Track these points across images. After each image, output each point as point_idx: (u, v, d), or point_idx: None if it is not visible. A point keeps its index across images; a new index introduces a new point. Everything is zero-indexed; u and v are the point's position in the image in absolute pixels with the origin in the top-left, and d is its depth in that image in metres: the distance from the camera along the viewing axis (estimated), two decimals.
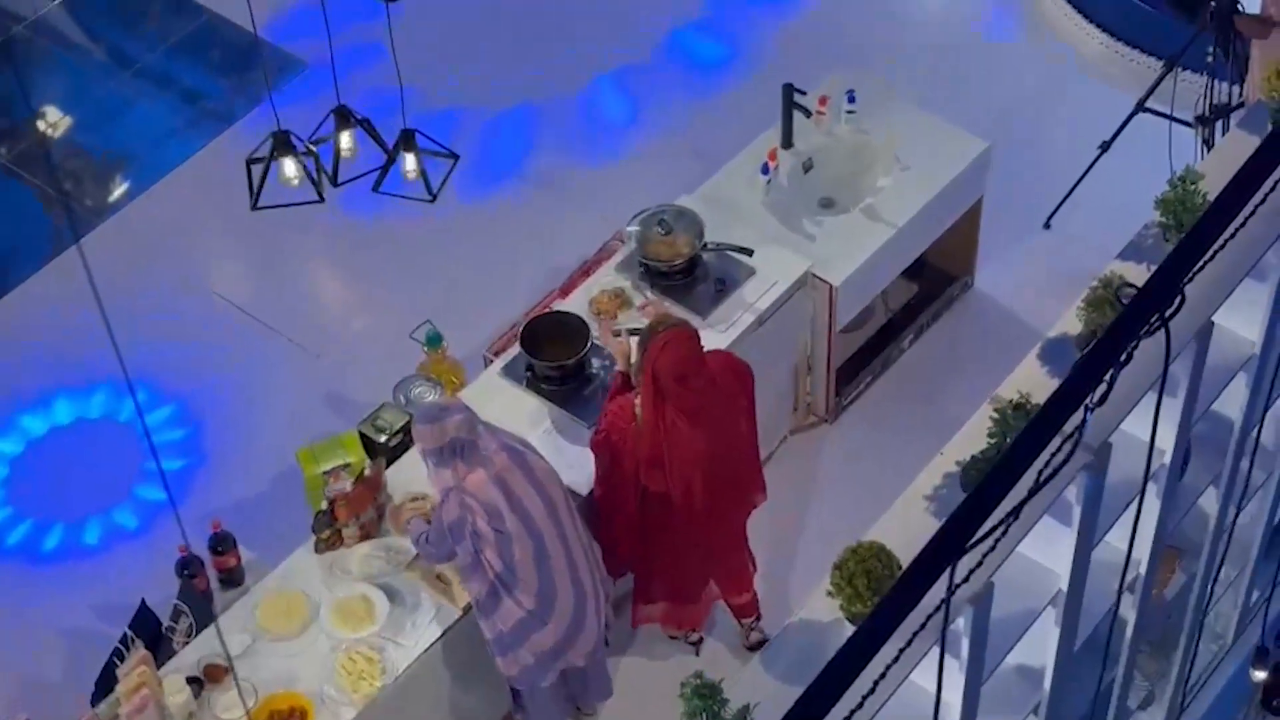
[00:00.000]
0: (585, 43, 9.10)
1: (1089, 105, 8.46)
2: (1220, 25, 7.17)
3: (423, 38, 8.58)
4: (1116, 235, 5.36)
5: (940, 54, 8.93)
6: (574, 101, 8.85)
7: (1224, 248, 3.89)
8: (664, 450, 5.96)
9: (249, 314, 8.01)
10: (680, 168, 8.07)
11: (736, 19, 9.20)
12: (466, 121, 8.67)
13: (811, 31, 9.07)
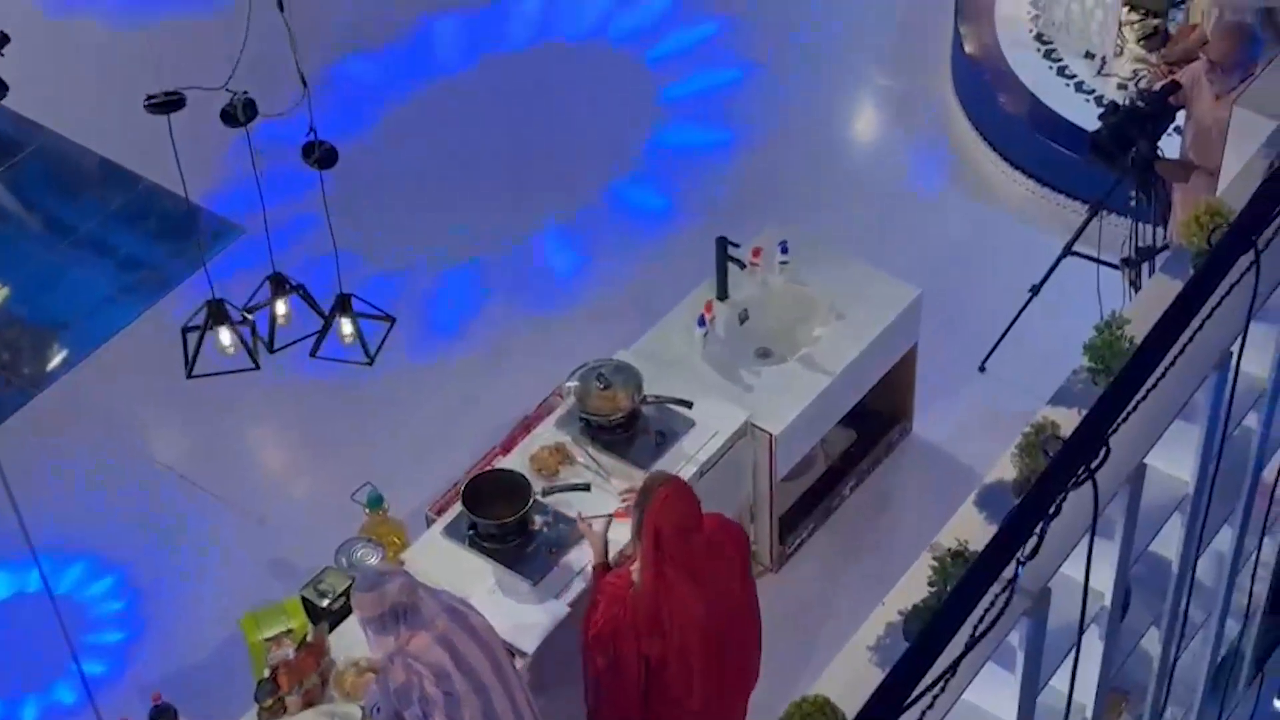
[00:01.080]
0: (518, 201, 9.20)
1: (1018, 250, 8.60)
2: (1142, 170, 7.32)
3: (358, 200, 8.67)
4: (1051, 376, 5.41)
5: (870, 203, 9.06)
6: (509, 259, 8.92)
7: (1151, 391, 3.95)
8: (665, 615, 5.87)
9: (189, 481, 7.98)
10: (618, 322, 8.12)
11: (669, 174, 9.33)
12: (403, 282, 8.73)
13: (744, 184, 9.20)
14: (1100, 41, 9.14)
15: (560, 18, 10.21)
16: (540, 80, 9.86)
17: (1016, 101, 9.06)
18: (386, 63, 10.00)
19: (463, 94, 9.82)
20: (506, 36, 10.10)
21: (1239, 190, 5.44)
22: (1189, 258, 5.35)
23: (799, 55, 9.86)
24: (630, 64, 9.88)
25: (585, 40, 10.07)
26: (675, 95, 9.70)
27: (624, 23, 10.12)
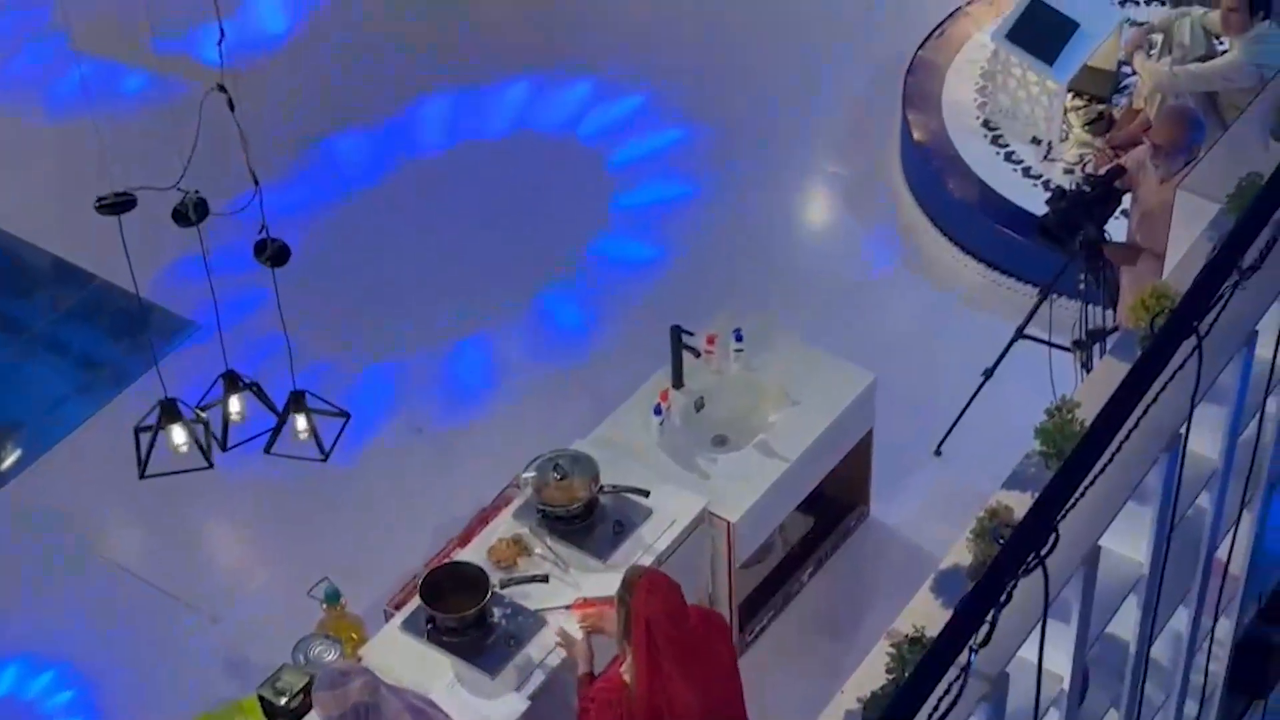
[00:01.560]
0: (472, 294, 9.21)
1: (970, 333, 8.65)
2: (1090, 254, 7.40)
3: (311, 295, 8.66)
4: (1007, 458, 5.43)
5: (824, 289, 9.12)
6: (465, 350, 8.93)
7: (1102, 474, 3.98)
8: (665, 711, 5.76)
9: (144, 580, 7.92)
10: (574, 411, 8.13)
11: (623, 264, 9.37)
12: (357, 376, 8.72)
13: (698, 272, 9.24)
14: (1046, 127, 9.25)
15: (538, 110, 10.27)
16: (490, 171, 9.90)
17: (966, 187, 9.15)
18: (337, 158, 10.02)
19: (408, 189, 9.84)
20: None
21: (1184, 273, 5.50)
22: (1137, 340, 5.41)
23: (751, 142, 9.94)
24: (591, 156, 9.93)
25: (550, 133, 10.13)
26: (625, 181, 9.75)
27: (591, 118, 10.19)
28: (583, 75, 10.37)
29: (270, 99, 10.02)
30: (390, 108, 10.26)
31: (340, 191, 9.84)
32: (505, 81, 10.38)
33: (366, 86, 10.44)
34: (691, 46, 10.56)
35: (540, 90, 10.35)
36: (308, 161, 9.98)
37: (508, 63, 10.49)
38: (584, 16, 10.87)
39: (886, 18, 10.54)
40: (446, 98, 10.33)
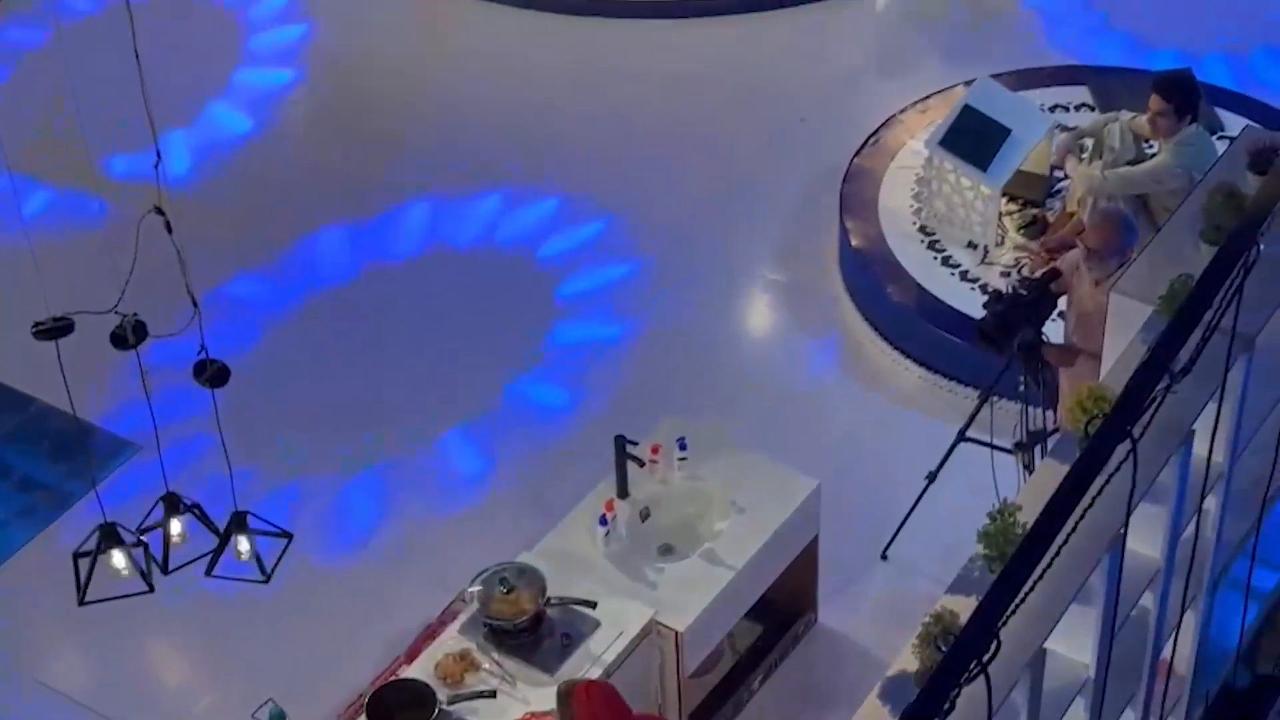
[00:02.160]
0: (415, 408, 9.19)
1: (913, 437, 8.69)
2: (1028, 356, 7.46)
3: (252, 415, 8.65)
4: (953, 561, 5.45)
5: (766, 396, 9.15)
6: (407, 465, 8.89)
7: (1044, 577, 3.99)
8: None
9: (86, 707, 7.80)
10: (519, 524, 8.11)
11: (564, 374, 9.37)
12: (299, 495, 8.67)
13: (640, 381, 9.26)
14: (982, 232, 9.36)
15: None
16: (433, 286, 9.92)
17: (904, 292, 9.23)
18: (277, 277, 10.01)
19: (354, 303, 9.85)
20: (395, 246, 10.19)
21: (1120, 375, 5.56)
22: (1076, 442, 5.45)
23: (689, 251, 10.01)
24: (521, 266, 9.97)
25: (474, 246, 10.17)
26: (567, 294, 9.79)
27: (511, 227, 10.23)
28: (541, 197, 10.43)
29: (210, 215, 10.03)
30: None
31: (280, 308, 9.82)
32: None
33: (303, 204, 10.46)
34: (632, 158, 10.64)
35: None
36: (248, 280, 9.96)
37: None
38: (524, 135, 10.94)
39: (821, 127, 10.68)
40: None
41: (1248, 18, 11.35)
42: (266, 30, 11.84)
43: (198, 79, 11.33)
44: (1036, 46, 11.16)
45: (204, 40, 11.72)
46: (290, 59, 11.65)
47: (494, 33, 11.71)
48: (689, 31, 11.57)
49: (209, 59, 11.56)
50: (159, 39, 10.92)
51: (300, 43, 11.79)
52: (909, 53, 11.34)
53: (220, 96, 11.28)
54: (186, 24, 11.77)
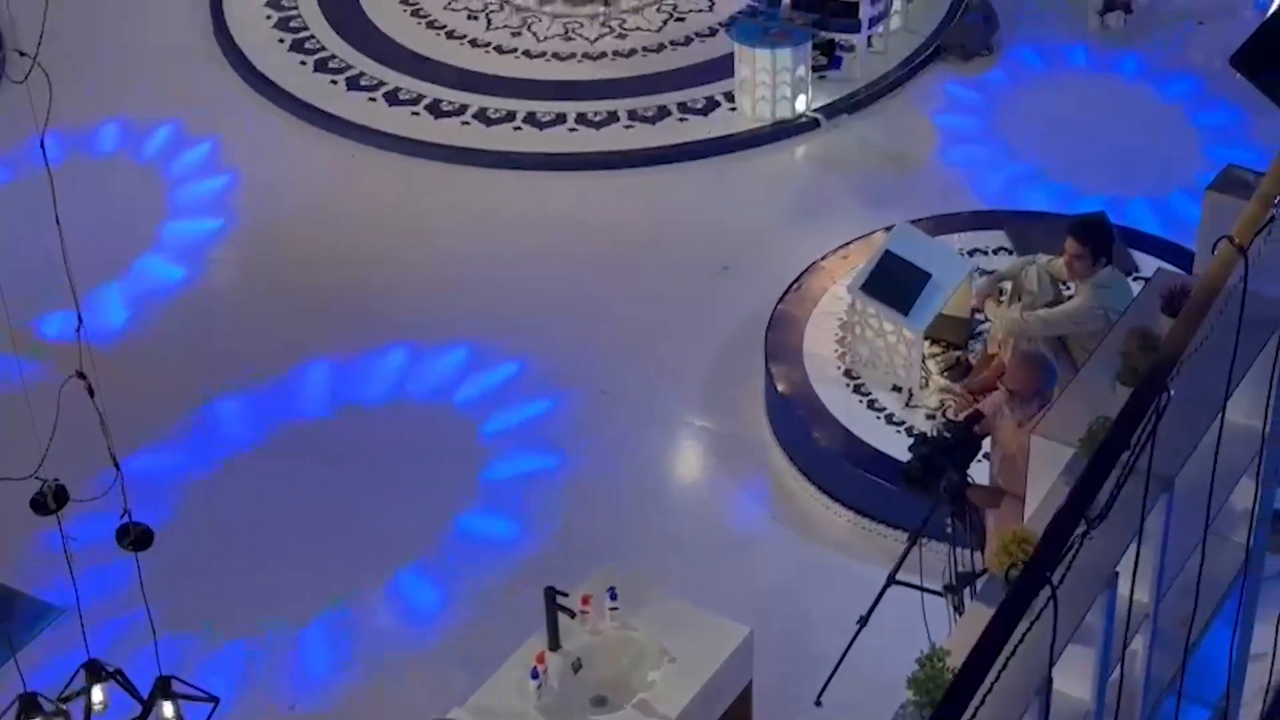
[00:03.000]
0: (338, 563, 9.12)
1: (844, 581, 8.69)
2: (954, 498, 7.51)
3: (176, 578, 8.53)
4: (887, 706, 5.44)
5: (695, 544, 9.14)
6: (334, 625, 8.80)
7: None
8: None
9: None
10: (449, 679, 8.03)
11: (494, 529, 9.33)
12: (227, 657, 8.55)
13: (571, 532, 9.24)
14: (905, 375, 9.46)
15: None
16: (352, 439, 9.89)
17: (830, 436, 9.29)
18: (197, 435, 9.94)
19: (277, 460, 9.78)
20: (309, 404, 10.17)
21: (1044, 517, 5.60)
22: (1003, 585, 5.47)
23: (616, 399, 10.04)
24: (463, 424, 9.96)
25: (387, 401, 10.16)
26: (501, 450, 9.78)
27: (436, 377, 10.26)
28: (453, 344, 10.45)
29: (140, 370, 9.98)
30: (261, 377, 10.26)
31: (203, 468, 9.74)
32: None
33: (226, 360, 10.42)
34: (557, 310, 10.70)
35: (417, 359, 10.39)
36: (170, 439, 9.89)
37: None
38: (450, 287, 10.99)
39: (744, 274, 10.79)
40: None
41: (1163, 163, 11.61)
42: (190, 183, 11.88)
43: (125, 234, 11.35)
44: (953, 192, 11.36)
45: (130, 196, 11.74)
46: (216, 209, 11.68)
47: (409, 183, 11.81)
48: (611, 181, 11.72)
49: (135, 214, 11.58)
50: (86, 197, 11.06)
51: (224, 193, 11.83)
52: (829, 199, 11.52)
53: (149, 250, 11.28)
54: (112, 181, 11.81)
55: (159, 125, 12.32)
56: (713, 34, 12.85)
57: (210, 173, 11.99)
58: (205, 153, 12.13)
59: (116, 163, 12.06)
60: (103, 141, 12.14)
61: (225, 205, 11.73)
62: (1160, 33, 12.84)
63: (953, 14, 12.98)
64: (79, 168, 11.74)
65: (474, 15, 13.21)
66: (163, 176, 11.95)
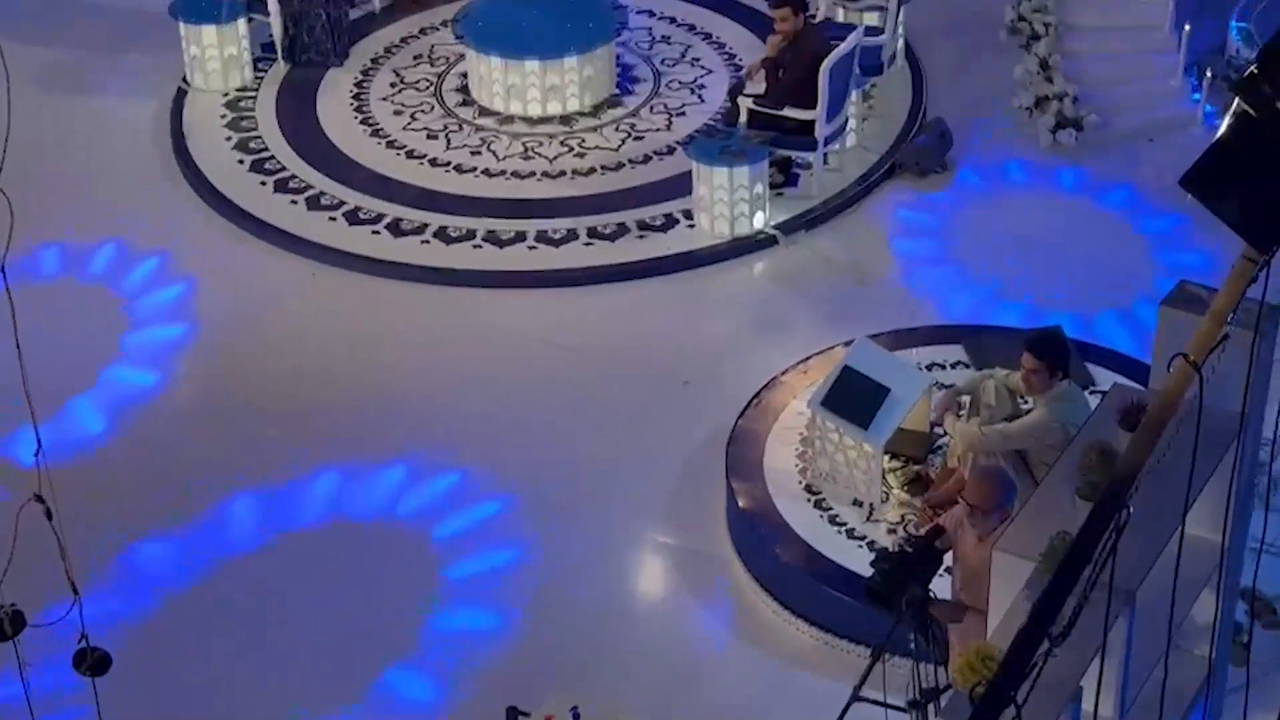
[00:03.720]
0: (302, 682, 9.04)
1: (808, 697, 8.67)
2: (917, 613, 7.50)
3: (134, 701, 8.42)
4: None
5: (657, 663, 9.10)
6: None
7: None
8: None
9: None
10: None
11: (456, 641, 9.27)
12: None
13: (532, 652, 9.17)
14: (866, 490, 9.48)
15: (349, 497, 10.26)
16: (332, 560, 9.83)
17: (793, 552, 9.28)
18: (157, 558, 9.86)
19: (229, 586, 9.66)
20: (298, 516, 10.10)
21: (1006, 632, 5.61)
22: (967, 701, 5.45)
23: (577, 517, 10.01)
24: (413, 542, 9.90)
25: (372, 520, 10.11)
26: (458, 574, 9.71)
27: (411, 501, 10.21)
28: (396, 460, 10.42)
29: (91, 500, 9.88)
30: (198, 506, 10.15)
31: (162, 593, 9.64)
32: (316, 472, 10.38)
33: (174, 487, 10.32)
34: (518, 427, 10.70)
35: (353, 478, 10.34)
36: (130, 563, 9.80)
37: (317, 454, 10.50)
38: (392, 402, 10.97)
39: (705, 390, 10.83)
40: (255, 492, 10.23)
41: (1118, 275, 11.74)
42: (151, 291, 11.86)
43: (89, 348, 11.30)
44: (911, 307, 11.45)
45: (87, 311, 11.70)
46: (178, 316, 11.65)
47: (369, 301, 11.81)
48: (571, 298, 11.76)
49: (95, 327, 11.53)
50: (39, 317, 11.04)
51: (184, 300, 11.80)
52: (788, 315, 11.59)
53: (115, 362, 11.23)
54: (67, 301, 11.78)
55: (107, 244, 12.29)
56: (671, 152, 12.96)
57: (167, 284, 11.95)
58: (157, 266, 12.09)
59: (66, 284, 12.01)
60: (45, 263, 12.11)
61: (186, 313, 11.70)
62: (1111, 149, 13.02)
63: (908, 132, 13.15)
64: (29, 292, 11.73)
65: (433, 135, 13.30)
66: (117, 293, 11.90)
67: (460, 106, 13.61)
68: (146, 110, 13.78)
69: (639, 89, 13.80)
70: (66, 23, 15.03)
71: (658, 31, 14.56)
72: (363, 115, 13.56)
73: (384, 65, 14.20)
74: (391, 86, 13.91)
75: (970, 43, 14.32)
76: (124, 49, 14.61)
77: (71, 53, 14.54)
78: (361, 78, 14.04)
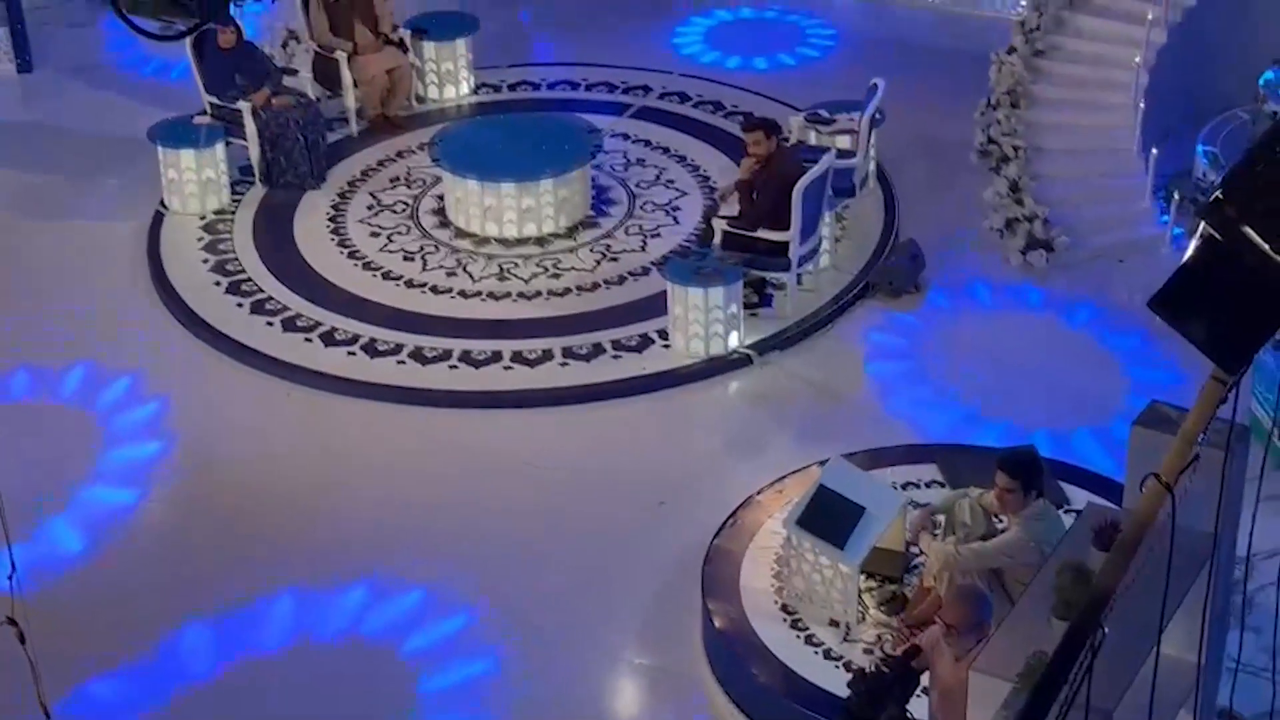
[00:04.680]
0: None
1: None
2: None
3: None
4: None
5: None
6: None
7: None
8: None
9: None
10: None
11: None
12: None
13: None
14: (842, 609, 9.46)
15: (313, 619, 10.19)
16: (298, 683, 9.75)
17: (769, 672, 9.24)
18: (129, 682, 9.75)
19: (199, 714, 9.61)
20: (260, 639, 10.03)
21: None
22: None
23: (551, 638, 9.95)
24: (388, 668, 9.83)
25: (337, 640, 10.04)
26: (430, 689, 9.65)
27: (376, 619, 10.15)
28: (383, 585, 10.36)
29: (62, 624, 9.79)
30: (168, 630, 10.07)
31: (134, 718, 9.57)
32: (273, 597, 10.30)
33: (142, 611, 10.24)
34: (493, 547, 10.68)
35: (312, 602, 10.27)
36: (101, 687, 9.71)
37: (288, 574, 10.44)
38: (364, 523, 10.94)
39: (680, 509, 10.82)
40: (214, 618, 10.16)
41: (1089, 394, 11.82)
42: (125, 411, 11.84)
43: (64, 467, 11.26)
44: (885, 426, 11.50)
45: (63, 431, 11.69)
46: (153, 433, 11.63)
47: (344, 422, 11.83)
48: (546, 418, 11.79)
49: (71, 447, 11.51)
50: (19, 439, 11.03)
51: (158, 418, 11.78)
52: (763, 435, 11.62)
53: (89, 482, 11.19)
54: (42, 423, 11.77)
55: (82, 365, 12.30)
56: (646, 273, 13.07)
57: (141, 402, 11.95)
58: (130, 384, 12.08)
59: (44, 404, 12.00)
60: (21, 385, 12.11)
61: (160, 430, 11.68)
62: (1081, 270, 13.17)
63: (880, 253, 13.29)
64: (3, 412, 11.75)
65: (410, 256, 13.39)
66: (95, 412, 11.90)
67: (437, 228, 13.72)
68: (124, 232, 13.87)
69: (614, 210, 13.94)
70: (44, 146, 15.16)
71: (633, 154, 14.74)
72: (339, 237, 13.66)
73: (361, 188, 14.33)
74: (368, 209, 14.03)
75: (941, 166, 14.52)
76: (102, 172, 14.74)
77: (50, 175, 14.66)
78: (339, 200, 14.16)
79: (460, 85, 15.80)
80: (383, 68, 15.12)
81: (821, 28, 17.31)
